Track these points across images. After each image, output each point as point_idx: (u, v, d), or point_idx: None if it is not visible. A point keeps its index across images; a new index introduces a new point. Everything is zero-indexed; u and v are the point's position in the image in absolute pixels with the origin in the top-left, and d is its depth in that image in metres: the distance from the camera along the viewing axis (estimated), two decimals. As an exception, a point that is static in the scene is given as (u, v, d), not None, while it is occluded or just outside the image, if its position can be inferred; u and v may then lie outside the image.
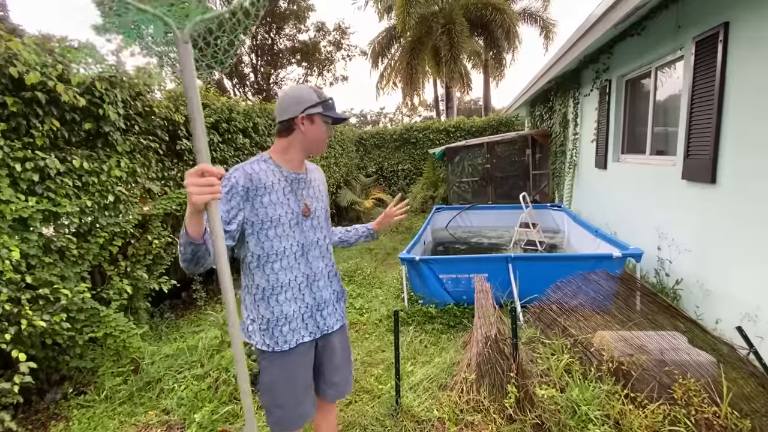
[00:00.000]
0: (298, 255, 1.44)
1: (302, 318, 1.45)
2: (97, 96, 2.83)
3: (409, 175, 11.60)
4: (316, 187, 1.54)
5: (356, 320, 3.87)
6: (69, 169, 2.72)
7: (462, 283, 3.82)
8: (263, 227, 1.36)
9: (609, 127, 5.21)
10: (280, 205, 1.38)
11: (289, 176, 1.43)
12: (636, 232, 4.34)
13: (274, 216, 1.37)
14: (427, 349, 3.21)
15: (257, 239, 1.37)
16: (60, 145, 2.73)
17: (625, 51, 4.69)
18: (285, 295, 1.41)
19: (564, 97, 7.14)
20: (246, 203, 1.33)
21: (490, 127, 11.09)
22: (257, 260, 1.39)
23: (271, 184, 1.37)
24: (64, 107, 2.66)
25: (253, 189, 1.33)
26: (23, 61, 2.32)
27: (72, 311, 2.82)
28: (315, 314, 1.48)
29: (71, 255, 2.84)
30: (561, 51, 5.62)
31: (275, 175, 1.39)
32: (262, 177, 1.36)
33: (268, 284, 1.40)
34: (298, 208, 1.43)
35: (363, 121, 39.51)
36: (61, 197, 2.67)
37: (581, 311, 2.67)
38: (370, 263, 5.83)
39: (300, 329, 1.44)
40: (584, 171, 6.33)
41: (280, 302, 1.41)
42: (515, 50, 14.44)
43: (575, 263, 3.52)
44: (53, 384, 3.06)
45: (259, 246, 1.37)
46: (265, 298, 1.41)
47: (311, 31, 14.82)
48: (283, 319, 1.41)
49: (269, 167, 1.40)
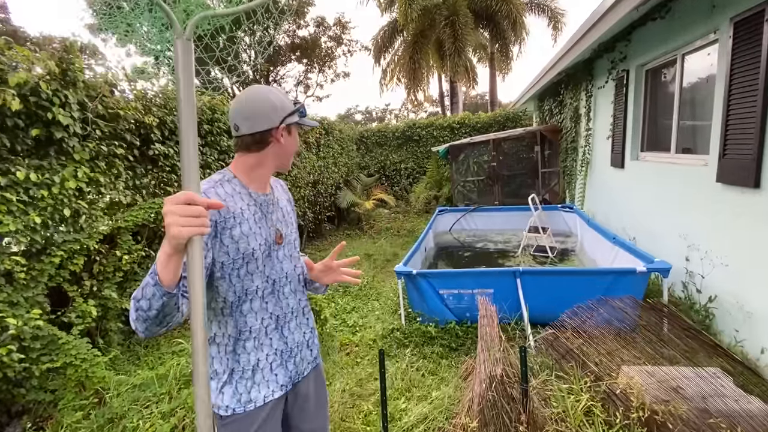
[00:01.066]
0: (267, 293, 1.17)
1: (270, 368, 1.18)
2: (44, 98, 2.49)
3: (412, 174, 11.19)
4: (283, 209, 1.27)
5: (348, 340, 3.51)
6: (12, 182, 2.39)
7: (465, 299, 3.44)
8: (235, 266, 1.09)
9: (626, 122, 4.75)
10: (253, 237, 1.11)
11: (258, 199, 1.16)
12: (658, 239, 3.90)
13: (247, 251, 1.10)
14: (424, 379, 2.84)
15: (229, 282, 1.09)
16: (2, 154, 2.40)
17: (646, 37, 4.23)
18: (252, 342, 1.15)
19: (575, 89, 6.67)
20: (214, 241, 1.05)
21: (496, 123, 10.62)
22: (230, 306, 1.12)
23: (240, 212, 1.09)
24: (4, 112, 2.33)
25: (221, 221, 1.05)
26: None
27: (26, 339, 2.51)
28: (286, 362, 1.21)
29: (20, 278, 2.52)
30: (572, 40, 5.16)
31: (244, 200, 1.12)
32: (230, 204, 1.08)
33: (235, 330, 1.13)
34: (270, 236, 1.17)
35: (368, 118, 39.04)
36: (3, 214, 2.34)
37: (603, 342, 2.28)
38: (368, 271, 5.46)
39: (269, 382, 1.17)
40: (598, 170, 5.88)
41: (248, 350, 1.15)
42: (522, 42, 13.91)
43: (593, 278, 3.11)
44: (13, 416, 2.77)
45: (231, 290, 1.10)
46: (235, 349, 1.14)
47: (311, 26, 14.42)
48: (249, 371, 1.15)
49: (236, 190, 1.11)
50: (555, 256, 5.19)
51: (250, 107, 1.10)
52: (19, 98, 2.35)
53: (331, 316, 4.00)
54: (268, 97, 1.12)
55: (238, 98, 1.14)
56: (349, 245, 7.31)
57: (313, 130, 7.21)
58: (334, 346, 3.39)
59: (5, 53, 2.37)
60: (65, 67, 2.64)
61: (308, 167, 7.00)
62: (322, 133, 7.75)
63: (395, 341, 3.37)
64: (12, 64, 2.35)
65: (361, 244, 7.24)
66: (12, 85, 2.26)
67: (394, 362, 3.09)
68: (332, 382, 2.91)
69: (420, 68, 13.80)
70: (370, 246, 6.95)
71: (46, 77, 2.52)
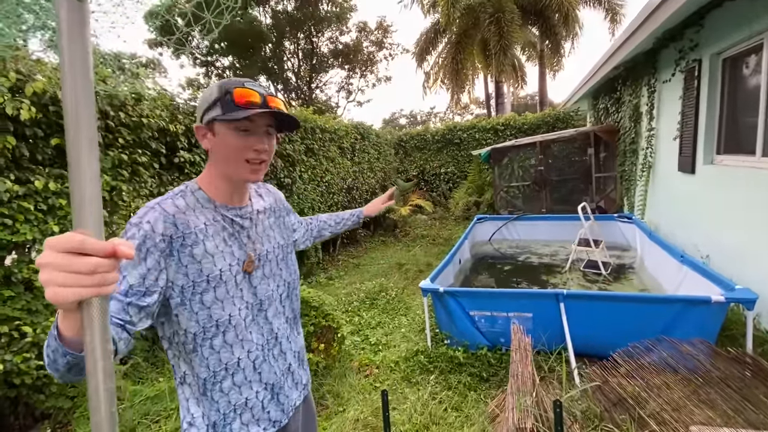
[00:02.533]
0: (249, 321, 0.99)
1: (262, 406, 1.01)
2: (60, 107, 2.50)
3: (452, 179, 10.74)
4: (263, 221, 1.09)
5: (368, 361, 3.25)
6: (30, 191, 2.41)
7: (499, 322, 3.06)
8: (196, 291, 0.91)
9: (698, 121, 4.09)
10: (220, 256, 0.94)
11: (227, 213, 0.99)
12: (739, 259, 3.26)
13: (213, 273, 0.92)
14: (446, 414, 2.50)
15: (190, 310, 0.91)
16: (23, 164, 2.44)
17: (723, 20, 3.59)
18: (233, 380, 0.97)
19: (635, 85, 5.95)
20: (170, 259, 0.88)
21: (544, 124, 9.90)
22: (193, 340, 0.93)
23: (203, 228, 0.93)
24: (23, 122, 2.36)
25: (178, 237, 0.89)
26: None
27: (45, 347, 2.53)
28: (278, 394, 1.05)
29: (39, 286, 2.55)
30: (630, 28, 4.56)
31: (207, 215, 0.96)
32: (190, 218, 0.92)
33: (209, 371, 0.95)
34: (244, 257, 0.99)
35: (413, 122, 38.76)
36: (20, 223, 2.36)
37: (665, 392, 1.82)
38: (398, 282, 5.18)
39: (260, 421, 1.01)
40: (663, 175, 5.16)
41: (226, 392, 0.96)
42: (575, 37, 12.98)
43: (655, 307, 2.60)
44: (38, 419, 2.82)
45: (193, 320, 0.91)
46: (207, 393, 0.95)
47: (353, 32, 14.48)
48: (234, 413, 0.97)
49: (198, 202, 0.95)
50: (609, 273, 4.59)
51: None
52: (38, 107, 2.37)
53: (352, 333, 3.77)
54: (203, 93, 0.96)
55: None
56: (382, 253, 7.07)
57: (347, 135, 7.09)
58: (351, 366, 3.15)
59: (26, 64, 2.40)
60: (86, 77, 2.65)
61: (342, 173, 6.87)
62: (358, 138, 7.62)
63: (418, 365, 3.06)
64: (31, 74, 2.37)
65: (394, 252, 6.98)
66: (28, 94, 2.27)
67: (416, 390, 2.79)
68: (346, 409, 2.67)
69: (463, 69, 13.31)
70: (404, 254, 6.66)
71: (66, 87, 2.53)
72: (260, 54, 13.53)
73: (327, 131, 6.40)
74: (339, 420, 2.56)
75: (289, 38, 13.61)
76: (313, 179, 5.97)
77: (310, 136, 5.85)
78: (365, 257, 6.89)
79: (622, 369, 1.99)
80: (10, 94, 2.22)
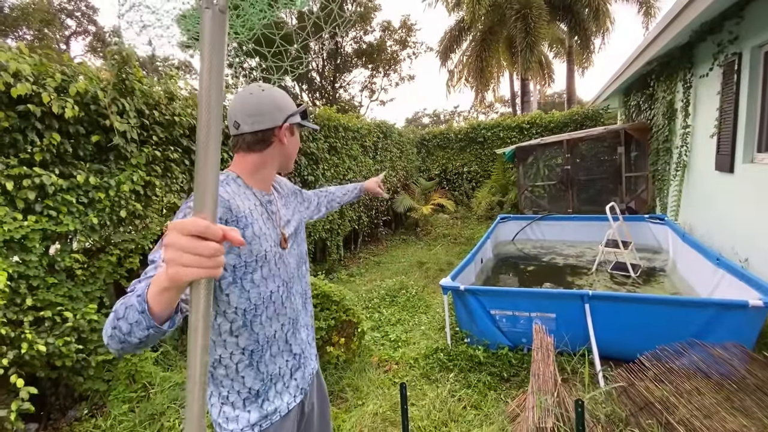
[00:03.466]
0: (285, 297, 1.11)
1: (291, 373, 1.14)
2: (102, 106, 2.65)
3: (475, 178, 10.61)
4: (286, 205, 1.24)
5: (388, 357, 3.27)
6: (73, 185, 2.56)
7: (521, 322, 3.01)
8: (248, 271, 1.00)
9: (738, 117, 3.88)
10: (265, 238, 1.05)
11: (263, 199, 1.11)
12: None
13: (260, 253, 1.02)
14: (465, 412, 2.49)
15: (241, 288, 1.00)
16: (67, 159, 2.60)
17: (765, 11, 3.40)
18: (271, 351, 1.08)
19: (670, 80, 5.71)
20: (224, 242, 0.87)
21: (572, 122, 9.62)
22: (242, 317, 1.01)
23: (249, 212, 1.03)
24: (68, 120, 2.51)
25: (232, 220, 0.97)
26: (11, 72, 2.16)
27: (84, 332, 2.69)
28: (302, 364, 1.18)
29: (80, 275, 2.71)
30: (665, 20, 4.38)
31: (250, 199, 1.06)
32: (239, 203, 1.00)
33: (257, 345, 1.05)
34: (278, 238, 1.11)
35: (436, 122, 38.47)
36: (64, 215, 2.52)
37: (695, 398, 1.75)
38: (418, 281, 5.17)
39: (290, 388, 1.13)
40: (698, 174, 4.93)
41: (269, 362, 1.08)
42: (606, 33, 12.56)
43: (686, 311, 2.50)
44: (77, 400, 3.00)
45: (244, 297, 1.00)
46: (253, 363, 1.05)
47: (377, 31, 14.53)
48: (270, 382, 1.09)
49: (241, 189, 1.06)
50: (638, 275, 4.43)
51: (254, 104, 1.05)
52: (81, 106, 2.52)
53: (372, 329, 3.80)
54: (272, 94, 1.08)
55: (239, 94, 1.08)
56: (403, 251, 7.08)
57: (369, 134, 7.13)
58: (371, 361, 3.18)
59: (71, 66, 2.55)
60: (123, 77, 2.79)
61: (364, 171, 6.92)
62: (380, 137, 7.65)
63: (438, 363, 3.06)
64: (75, 74, 2.52)
65: (415, 251, 6.98)
66: (72, 94, 2.41)
67: (435, 387, 2.79)
68: (365, 403, 2.70)
69: (488, 67, 13.14)
70: (425, 253, 6.64)
71: (106, 86, 2.68)
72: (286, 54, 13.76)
73: (350, 130, 6.45)
74: (358, 413, 2.59)
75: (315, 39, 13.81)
76: (336, 177, 6.04)
77: (333, 134, 5.93)
78: (386, 255, 6.92)
79: (649, 372, 1.92)
80: (56, 94, 2.36)
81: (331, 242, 5.94)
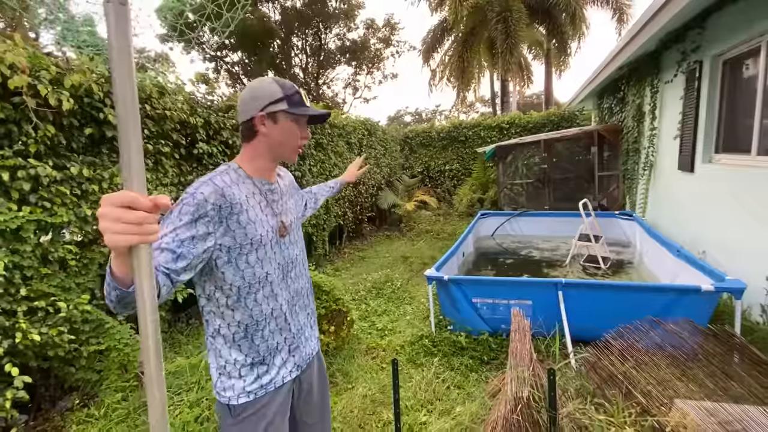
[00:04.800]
0: (280, 279, 1.21)
1: (288, 349, 1.23)
2: (96, 99, 2.68)
3: (456, 176, 10.88)
4: (287, 196, 1.32)
5: (375, 344, 3.43)
6: (66, 176, 2.59)
7: (500, 309, 3.22)
8: (242, 252, 1.11)
9: (698, 120, 4.21)
10: (260, 223, 1.15)
11: (262, 188, 1.20)
12: (734, 254, 3.39)
13: (255, 237, 1.12)
14: (449, 392, 2.68)
15: (236, 267, 1.11)
16: (60, 151, 2.62)
17: (724, 23, 3.71)
18: (269, 327, 1.18)
19: (639, 85, 6.07)
20: (218, 226, 1.06)
21: (550, 123, 10.01)
22: (237, 294, 1.13)
23: (245, 199, 1.13)
24: (62, 112, 2.54)
25: (226, 206, 1.07)
26: (7, 64, 2.19)
27: (76, 322, 2.72)
28: (300, 342, 1.28)
29: (73, 265, 2.74)
30: (635, 29, 4.68)
31: (249, 188, 1.16)
32: (235, 191, 1.11)
33: (251, 319, 1.15)
34: (276, 225, 1.20)
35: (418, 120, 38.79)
36: (58, 206, 2.55)
37: (653, 370, 1.98)
38: (403, 274, 5.35)
39: (287, 363, 1.23)
40: (664, 174, 5.29)
41: (266, 337, 1.18)
42: (582, 37, 13.03)
43: (647, 295, 2.76)
44: (67, 391, 3.01)
45: (238, 275, 1.11)
46: (248, 336, 1.16)
47: (360, 29, 14.60)
48: (268, 355, 1.19)
49: (241, 178, 1.16)
50: (608, 267, 4.73)
51: (241, 97, 1.17)
52: (74, 99, 2.55)
53: (360, 318, 3.95)
54: (252, 85, 1.17)
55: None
56: (388, 246, 7.25)
57: (355, 131, 7.25)
58: (360, 349, 3.33)
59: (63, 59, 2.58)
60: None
61: (349, 167, 7.03)
62: (365, 134, 7.77)
63: (423, 349, 3.23)
64: (70, 68, 2.55)
65: (399, 246, 7.15)
66: (67, 87, 2.45)
67: (420, 371, 2.96)
68: (355, 386, 2.85)
69: (470, 67, 13.42)
70: (408, 248, 6.83)
71: (99, 80, 2.71)
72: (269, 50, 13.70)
73: (336, 126, 6.56)
74: (348, 396, 2.74)
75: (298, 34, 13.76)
76: (322, 173, 6.14)
77: (319, 131, 6.02)
78: (370, 250, 7.07)
79: (614, 349, 2.14)
80: (52, 86, 2.39)
81: (317, 237, 6.03)
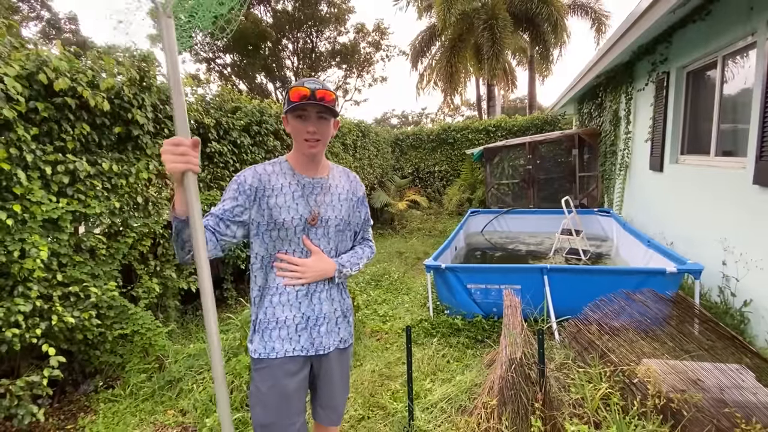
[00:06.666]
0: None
1: (295, 328, 1.34)
2: (125, 101, 2.91)
3: (446, 177, 11.29)
4: (336, 195, 1.41)
5: (378, 328, 3.73)
6: (99, 171, 2.81)
7: (492, 294, 3.56)
8: (267, 228, 1.32)
9: (666, 125, 4.67)
10: (287, 209, 1.32)
11: (302, 180, 1.36)
12: (696, 243, 3.83)
13: (279, 219, 1.31)
14: (449, 365, 3.00)
15: (261, 240, 1.34)
16: (92, 148, 2.84)
17: (687, 39, 4.17)
18: (279, 298, 1.34)
19: (615, 92, 6.56)
20: (253, 203, 1.31)
21: (533, 126, 10.51)
22: (260, 261, 1.36)
23: (279, 187, 1.32)
24: (95, 112, 2.76)
25: (261, 189, 1.31)
26: (52, 68, 2.41)
27: (102, 308, 2.92)
28: (311, 329, 1.36)
29: (101, 254, 2.95)
30: (610, 41, 5.13)
31: (286, 178, 1.35)
32: (272, 179, 1.33)
33: (266, 284, 1.36)
34: (307, 213, 1.34)
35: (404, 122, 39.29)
36: (91, 199, 2.77)
37: (624, 335, 2.34)
38: (399, 267, 5.67)
39: (290, 340, 1.33)
40: (637, 174, 5.76)
41: (273, 304, 1.34)
42: (563, 45, 13.64)
43: (621, 278, 3.14)
44: (87, 376, 3.19)
45: (263, 247, 1.34)
46: (263, 299, 1.36)
47: (351, 33, 14.91)
48: (274, 323, 1.33)
49: (282, 170, 1.36)
50: (588, 259, 5.15)
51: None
52: (107, 100, 2.77)
53: (363, 306, 4.24)
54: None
55: None
56: (382, 244, 7.55)
57: (350, 132, 7.54)
58: (365, 331, 3.62)
59: (97, 63, 2.80)
60: (143, 74, 3.06)
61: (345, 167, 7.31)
62: (359, 136, 8.07)
63: (423, 331, 3.55)
64: (101, 71, 2.78)
65: (393, 243, 7.46)
66: (103, 89, 2.68)
67: (422, 349, 3.27)
68: (363, 364, 3.14)
69: (457, 72, 13.88)
70: (402, 244, 7.15)
71: (127, 83, 2.94)
72: (260, 52, 13.87)
73: (332, 128, 6.83)
74: (358, 371, 3.02)
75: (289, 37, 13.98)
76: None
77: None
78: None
79: (592, 320, 2.50)
80: (90, 89, 2.62)
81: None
